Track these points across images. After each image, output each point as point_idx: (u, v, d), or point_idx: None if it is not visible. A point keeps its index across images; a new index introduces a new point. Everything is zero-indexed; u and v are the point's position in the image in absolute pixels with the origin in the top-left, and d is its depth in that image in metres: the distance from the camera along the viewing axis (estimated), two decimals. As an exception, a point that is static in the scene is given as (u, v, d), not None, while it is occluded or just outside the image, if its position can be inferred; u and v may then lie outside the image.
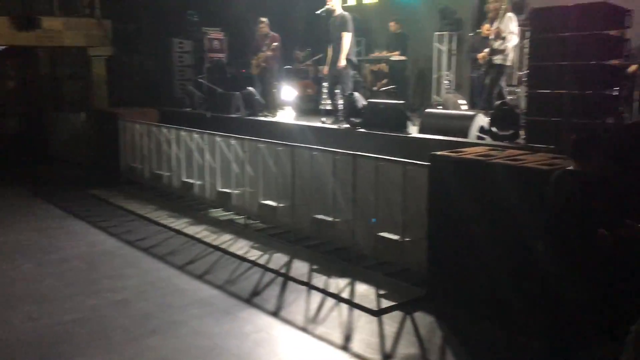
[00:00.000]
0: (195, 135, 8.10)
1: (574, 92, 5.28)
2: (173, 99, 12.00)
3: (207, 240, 6.78)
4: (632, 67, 7.74)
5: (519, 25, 9.84)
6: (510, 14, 7.34)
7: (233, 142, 7.43)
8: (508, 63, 7.38)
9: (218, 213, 7.90)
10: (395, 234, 5.42)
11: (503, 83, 7.58)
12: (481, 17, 9.41)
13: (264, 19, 10.06)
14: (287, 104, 10.94)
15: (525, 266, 4.08)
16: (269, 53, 9.86)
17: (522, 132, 6.22)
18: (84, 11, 11.85)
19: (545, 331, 3.72)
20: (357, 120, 7.76)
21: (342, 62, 8.27)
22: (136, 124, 9.51)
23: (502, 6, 7.30)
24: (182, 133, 8.35)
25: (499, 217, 4.31)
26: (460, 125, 6.72)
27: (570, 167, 3.48)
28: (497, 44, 7.17)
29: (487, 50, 7.45)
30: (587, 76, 5.21)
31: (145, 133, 9.24)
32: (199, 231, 7.13)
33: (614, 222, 3.20)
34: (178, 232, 7.16)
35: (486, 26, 7.63)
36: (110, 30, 11.77)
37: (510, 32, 7.21)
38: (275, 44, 9.85)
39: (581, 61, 5.22)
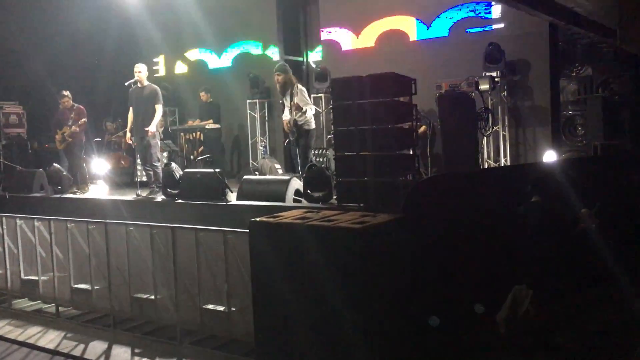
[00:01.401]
0: (-8, 220, 7.31)
1: (375, 154, 5.73)
2: (-37, 181, 10.77)
3: (11, 336, 6.07)
4: (422, 128, 8.69)
5: (324, 93, 10.61)
6: (300, 87, 7.71)
7: (37, 223, 6.83)
8: (313, 126, 7.77)
9: (23, 304, 7.11)
10: (221, 304, 5.32)
11: (312, 147, 7.90)
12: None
13: (66, 92, 9.58)
14: (99, 178, 10.40)
15: (344, 329, 4.22)
16: (76, 129, 9.35)
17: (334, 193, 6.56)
18: None
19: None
20: (174, 191, 7.61)
21: (152, 127, 8.10)
22: None
23: (292, 81, 7.71)
24: (-24, 218, 7.49)
25: (318, 278, 4.44)
26: (277, 190, 6.90)
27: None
28: (298, 117, 7.56)
29: (286, 119, 7.74)
30: (385, 139, 5.69)
31: None
32: (0, 327, 6.34)
33: None
34: (-26, 331, 6.30)
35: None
36: None
37: (305, 103, 7.61)
38: (83, 119, 9.39)
39: (378, 125, 5.70)
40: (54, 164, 9.31)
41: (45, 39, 11.95)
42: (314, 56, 11.99)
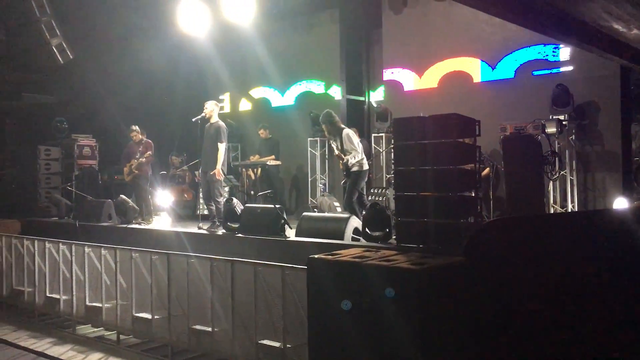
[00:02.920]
0: (62, 246, 7.61)
1: (436, 195, 5.66)
2: (37, 209, 11.32)
3: (73, 361, 6.23)
4: (485, 171, 8.55)
5: (384, 132, 10.63)
6: (346, 132, 7.77)
7: (104, 252, 7.07)
8: (364, 168, 7.76)
9: (86, 330, 7.32)
10: (277, 340, 5.31)
11: (360, 187, 7.83)
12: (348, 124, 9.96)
13: (134, 127, 10.04)
14: (162, 210, 10.70)
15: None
16: (142, 160, 9.72)
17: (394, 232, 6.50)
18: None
19: None
20: (235, 225, 7.73)
21: (219, 174, 8.31)
22: (-6, 236, 8.80)
23: (338, 127, 7.81)
24: (48, 244, 7.82)
25: (375, 318, 4.37)
26: (336, 228, 6.90)
27: None
28: (346, 160, 7.65)
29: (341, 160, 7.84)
30: (447, 180, 5.63)
31: (5, 246, 8.55)
32: (64, 352, 6.54)
33: None
34: (40, 354, 6.53)
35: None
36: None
37: (352, 148, 7.66)
38: (149, 152, 9.77)
39: (441, 166, 5.65)
40: (121, 195, 9.67)
41: (121, 80, 12.63)
42: (376, 96, 12.09)
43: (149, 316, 6.38)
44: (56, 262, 7.64)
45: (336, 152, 7.90)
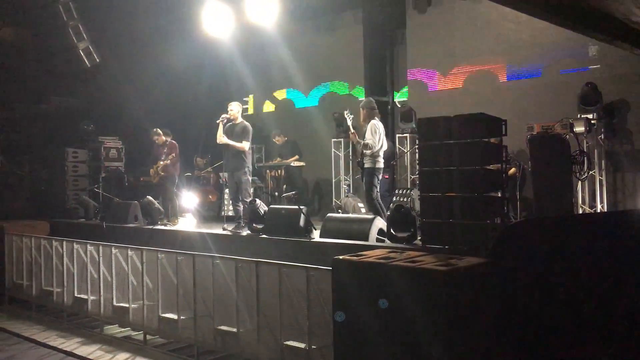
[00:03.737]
0: (90, 247, 7.71)
1: (462, 195, 5.60)
2: (65, 210, 11.49)
3: (101, 361, 6.31)
4: (511, 170, 8.44)
5: (409, 133, 10.56)
6: (373, 123, 7.64)
7: (131, 252, 7.14)
8: (377, 165, 7.62)
9: (114, 330, 7.40)
10: (302, 341, 5.30)
11: (376, 183, 7.67)
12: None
13: (156, 130, 10.17)
14: (188, 211, 10.78)
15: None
16: (167, 162, 9.82)
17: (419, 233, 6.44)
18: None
19: None
20: (259, 227, 7.75)
21: (219, 140, 8.32)
22: (24, 238, 8.94)
23: (372, 116, 7.75)
24: (76, 245, 7.93)
25: (401, 319, 4.34)
26: (361, 229, 6.87)
27: None
28: (360, 143, 7.57)
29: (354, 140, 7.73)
30: (473, 180, 5.56)
31: (34, 247, 8.69)
32: (91, 352, 6.63)
33: None
34: (68, 353, 6.63)
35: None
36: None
37: (369, 139, 7.54)
38: (172, 154, 9.86)
39: (466, 166, 5.58)
40: (147, 196, 9.76)
41: (146, 82, 12.79)
42: (400, 96, 12.02)
43: (175, 316, 6.43)
44: (84, 263, 7.75)
45: (351, 130, 7.84)
